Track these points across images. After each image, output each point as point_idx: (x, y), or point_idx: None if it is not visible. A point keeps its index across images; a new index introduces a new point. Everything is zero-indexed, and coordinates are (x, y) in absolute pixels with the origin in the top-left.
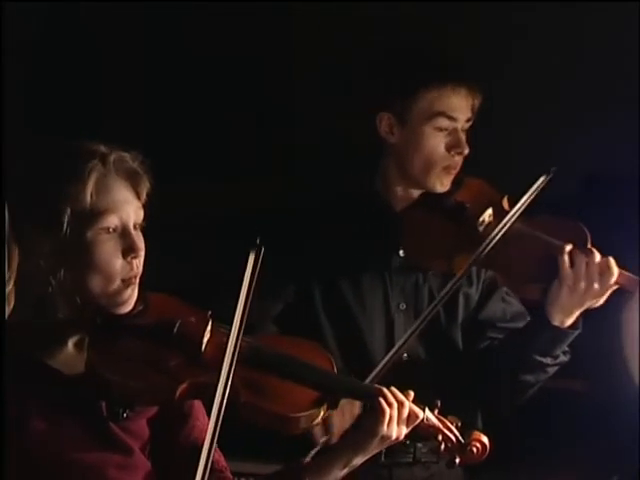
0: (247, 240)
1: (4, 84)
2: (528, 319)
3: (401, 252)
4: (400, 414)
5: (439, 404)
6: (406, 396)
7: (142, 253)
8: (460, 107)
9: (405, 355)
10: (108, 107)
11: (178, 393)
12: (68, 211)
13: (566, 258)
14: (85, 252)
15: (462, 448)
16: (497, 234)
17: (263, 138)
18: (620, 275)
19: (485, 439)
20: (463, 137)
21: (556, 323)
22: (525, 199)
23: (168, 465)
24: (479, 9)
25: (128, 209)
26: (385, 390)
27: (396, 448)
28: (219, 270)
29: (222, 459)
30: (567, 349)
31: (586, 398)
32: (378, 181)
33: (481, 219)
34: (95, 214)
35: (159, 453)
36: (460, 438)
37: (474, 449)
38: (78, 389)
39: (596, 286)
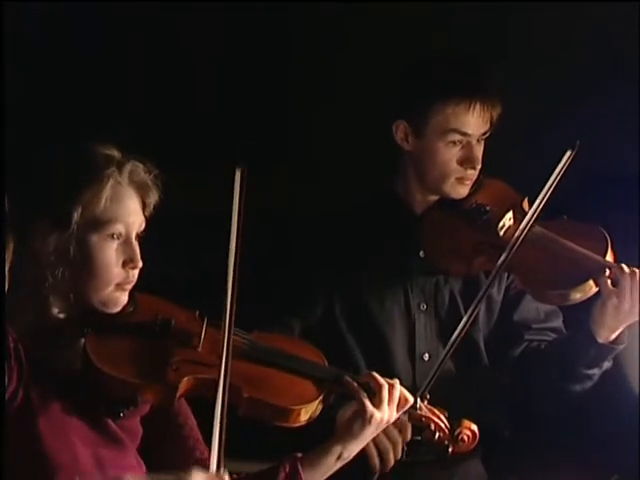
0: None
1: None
2: (561, 316)
3: (421, 253)
4: (391, 395)
5: (428, 396)
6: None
7: (140, 264)
8: (475, 124)
9: (426, 355)
10: (109, 107)
11: (180, 390)
12: (79, 212)
13: (608, 280)
14: (87, 255)
15: (454, 437)
16: (531, 220)
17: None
18: None
19: (474, 427)
20: (478, 150)
21: (601, 340)
22: (555, 176)
23: (159, 462)
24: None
25: (134, 219)
26: (374, 373)
27: (418, 447)
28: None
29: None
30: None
31: (585, 398)
32: (398, 184)
33: (502, 223)
34: (104, 220)
35: (151, 450)
36: (451, 428)
37: (465, 437)
38: (76, 387)
39: None
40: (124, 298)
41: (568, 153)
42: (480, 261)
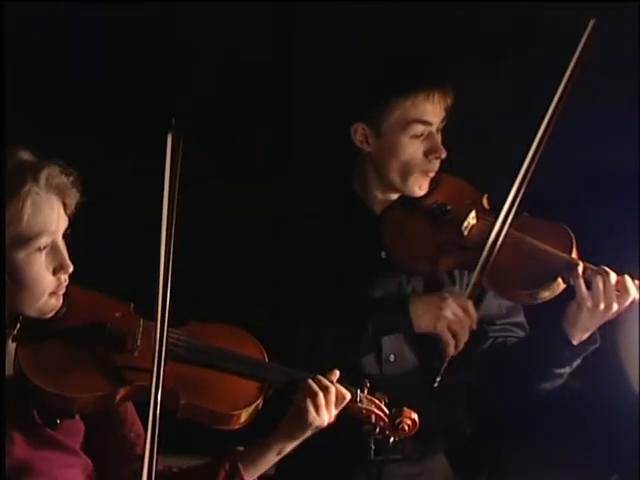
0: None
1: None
2: (522, 311)
3: (383, 254)
4: (327, 400)
5: (368, 383)
6: (331, 377)
7: (71, 269)
8: (434, 111)
9: (392, 357)
10: (109, 106)
11: (118, 398)
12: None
13: (581, 281)
14: (17, 271)
15: (394, 427)
16: (505, 223)
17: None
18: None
19: (415, 415)
20: (439, 139)
21: (575, 342)
22: (523, 174)
23: (104, 463)
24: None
25: (57, 225)
26: (308, 381)
27: (385, 445)
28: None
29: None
30: None
31: (585, 397)
32: (356, 185)
33: (465, 223)
34: (29, 236)
35: (95, 451)
36: (391, 417)
37: (405, 427)
38: (11, 394)
39: (615, 307)
40: (58, 303)
41: (534, 148)
42: (446, 261)
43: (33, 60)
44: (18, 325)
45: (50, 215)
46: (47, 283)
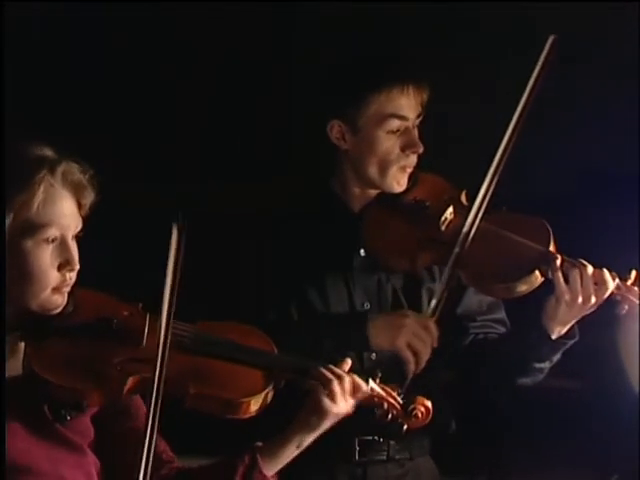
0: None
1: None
2: (503, 307)
3: (362, 252)
4: (342, 388)
5: (379, 374)
6: (343, 366)
7: (77, 267)
8: (409, 106)
9: (373, 354)
10: (108, 107)
11: (125, 390)
12: (10, 218)
13: (560, 274)
14: (22, 260)
15: (407, 414)
16: (478, 213)
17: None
18: (616, 286)
19: (428, 403)
20: (416, 135)
21: (554, 336)
22: (495, 166)
23: (114, 460)
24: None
25: (69, 221)
26: (321, 368)
27: (370, 446)
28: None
29: (168, 449)
30: None
31: (585, 397)
32: (335, 183)
33: (443, 218)
34: (38, 225)
35: (104, 449)
36: (404, 404)
37: (419, 414)
38: (21, 392)
39: (593, 299)
40: (62, 300)
41: (504, 143)
42: (424, 257)
43: (33, 60)
44: (25, 324)
45: (62, 208)
46: (51, 277)
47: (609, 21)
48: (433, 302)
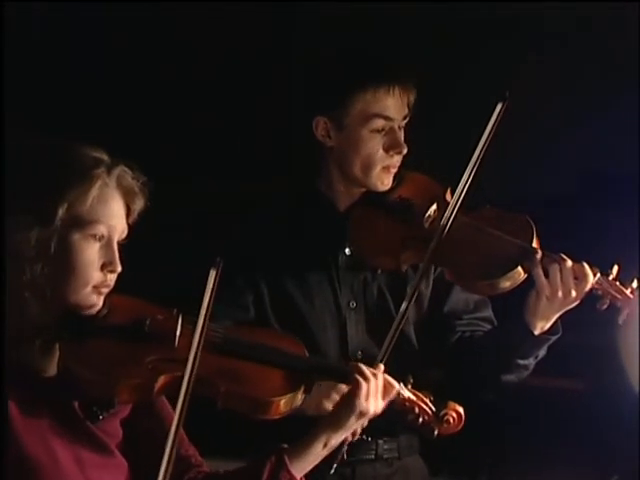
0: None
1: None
2: (490, 305)
3: (347, 250)
4: (375, 387)
5: (411, 379)
6: (377, 368)
7: (119, 269)
8: (395, 106)
9: (359, 353)
10: (110, 106)
11: (156, 389)
12: (64, 209)
13: (540, 269)
14: (68, 252)
15: (439, 419)
16: (455, 206)
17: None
18: (597, 281)
19: (460, 409)
20: (401, 136)
21: (537, 332)
22: (475, 160)
23: (142, 464)
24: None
25: (117, 223)
26: (360, 365)
27: (358, 445)
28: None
29: (197, 454)
30: None
31: (585, 398)
32: (320, 181)
33: (426, 215)
34: (89, 220)
35: (133, 453)
36: (435, 410)
37: (450, 419)
38: (54, 391)
39: (573, 294)
40: (99, 301)
41: (484, 137)
42: (408, 255)
43: (33, 60)
44: (62, 323)
45: (112, 209)
46: (93, 275)
47: (609, 21)
48: (385, 343)
